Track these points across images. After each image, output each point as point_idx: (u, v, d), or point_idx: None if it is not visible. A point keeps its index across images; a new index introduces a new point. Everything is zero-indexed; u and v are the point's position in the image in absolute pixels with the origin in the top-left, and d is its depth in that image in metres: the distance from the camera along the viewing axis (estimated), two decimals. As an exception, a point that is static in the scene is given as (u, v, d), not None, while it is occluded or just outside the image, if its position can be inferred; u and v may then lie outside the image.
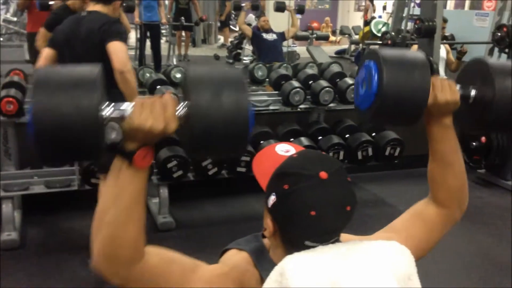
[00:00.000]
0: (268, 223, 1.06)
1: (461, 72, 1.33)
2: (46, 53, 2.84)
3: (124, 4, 5.26)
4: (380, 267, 0.99)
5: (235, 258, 1.13)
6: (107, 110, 0.96)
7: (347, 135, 4.03)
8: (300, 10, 6.35)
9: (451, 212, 1.26)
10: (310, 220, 0.98)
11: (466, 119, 1.28)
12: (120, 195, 0.97)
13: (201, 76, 1.02)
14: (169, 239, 3.35)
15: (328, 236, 1.02)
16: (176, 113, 0.97)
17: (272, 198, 1.03)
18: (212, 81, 1.01)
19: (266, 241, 1.16)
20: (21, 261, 3.00)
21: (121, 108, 0.97)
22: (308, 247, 1.00)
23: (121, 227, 0.97)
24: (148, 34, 7.20)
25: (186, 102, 0.99)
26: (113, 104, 0.97)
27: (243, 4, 6.28)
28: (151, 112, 0.95)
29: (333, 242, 1.03)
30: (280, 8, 5.92)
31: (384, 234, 1.25)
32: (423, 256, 1.25)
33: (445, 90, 1.15)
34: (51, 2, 4.75)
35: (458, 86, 1.20)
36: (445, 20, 5.98)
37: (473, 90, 1.23)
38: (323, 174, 0.99)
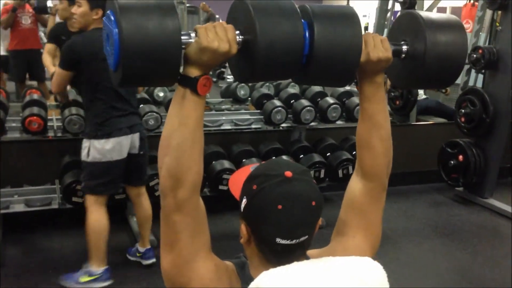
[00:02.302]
0: (242, 229, 1.11)
1: (393, 25, 1.31)
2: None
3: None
4: (351, 283, 1.02)
5: (227, 262, 1.17)
6: (184, 36, 1.02)
7: (328, 154, 4.08)
8: None
9: (378, 183, 1.27)
10: (278, 214, 1.03)
11: (398, 74, 1.27)
12: (185, 121, 1.04)
13: (261, 4, 1.08)
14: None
15: (297, 231, 1.05)
16: (236, 37, 1.05)
17: (244, 202, 1.09)
18: (270, 9, 1.07)
19: (248, 262, 1.20)
20: (5, 280, 2.97)
21: (188, 33, 1.03)
22: (280, 246, 1.05)
23: (188, 150, 1.04)
24: None
25: (243, 29, 1.06)
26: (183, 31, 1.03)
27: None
28: (216, 34, 1.02)
29: (303, 242, 1.07)
30: None
31: (338, 241, 1.28)
32: (378, 239, 1.29)
33: (377, 47, 1.14)
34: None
35: (390, 43, 1.17)
36: None
37: (404, 46, 1.22)
38: (288, 173, 1.06)
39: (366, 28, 14.42)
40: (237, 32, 1.06)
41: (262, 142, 4.14)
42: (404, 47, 1.22)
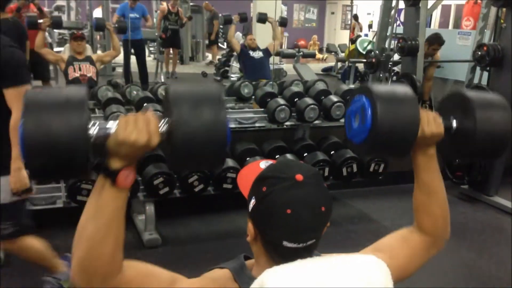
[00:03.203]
0: (249, 227, 1.10)
1: (441, 103, 1.40)
2: None
3: (116, 25, 5.31)
4: (355, 281, 1.02)
5: (216, 273, 1.17)
6: (94, 129, 0.99)
7: (332, 152, 4.07)
8: (282, 22, 6.37)
9: (434, 240, 1.32)
10: (287, 219, 1.02)
11: (448, 148, 1.35)
12: (101, 212, 1.00)
13: (181, 93, 1.06)
14: (155, 255, 3.34)
15: (305, 235, 1.05)
16: (159, 129, 1.01)
17: (252, 202, 1.08)
18: (191, 98, 1.06)
19: (248, 262, 1.20)
20: (5, 280, 2.98)
21: (107, 126, 1.01)
22: (286, 248, 1.04)
23: (99, 243, 1.00)
24: (132, 51, 7.25)
25: (167, 118, 1.03)
26: (98, 122, 1.01)
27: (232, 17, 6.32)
28: (135, 127, 0.99)
29: (310, 246, 1.07)
30: (262, 19, 5.95)
31: (369, 251, 1.29)
32: (405, 277, 1.29)
33: (430, 123, 1.22)
34: (40, 21, 4.78)
35: (441, 119, 1.26)
36: (440, 43, 6.05)
37: (454, 121, 1.31)
38: (299, 177, 1.05)
39: (370, 26, 14.39)
40: (164, 121, 1.04)
41: (266, 141, 4.13)
42: (454, 124, 1.31)
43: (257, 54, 6.00)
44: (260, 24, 6.19)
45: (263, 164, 1.26)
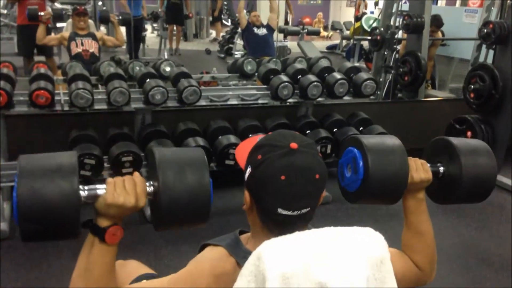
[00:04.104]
0: (245, 197, 1.13)
1: (428, 149, 1.49)
2: None
3: (120, 17, 5.25)
4: (352, 252, 1.03)
5: (207, 254, 1.19)
6: (84, 191, 1.06)
7: (334, 129, 4.07)
8: None
9: (423, 274, 1.37)
10: (281, 185, 1.05)
11: (436, 193, 1.45)
12: (91, 268, 1.06)
13: (167, 158, 1.13)
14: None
15: (299, 202, 1.07)
16: (145, 191, 1.08)
17: (248, 170, 1.11)
18: (177, 162, 1.12)
19: (242, 236, 1.22)
20: (10, 252, 3.02)
21: (96, 188, 1.07)
22: (281, 216, 1.07)
23: None
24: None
25: (153, 181, 1.09)
26: (87, 187, 1.07)
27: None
28: (123, 189, 1.05)
29: (305, 215, 1.09)
30: None
31: None
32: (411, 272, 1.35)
33: (419, 170, 1.31)
34: (41, 13, 4.74)
35: (428, 165, 1.35)
36: (438, 25, 6.00)
37: (441, 168, 1.41)
38: (294, 145, 1.07)
39: (376, 3, 14.19)
40: (150, 182, 1.10)
41: (269, 117, 4.12)
42: (441, 169, 1.41)
43: (261, 31, 5.96)
44: (265, 1, 6.13)
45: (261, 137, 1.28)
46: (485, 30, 4.30)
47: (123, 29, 5.98)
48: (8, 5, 7.96)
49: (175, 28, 9.04)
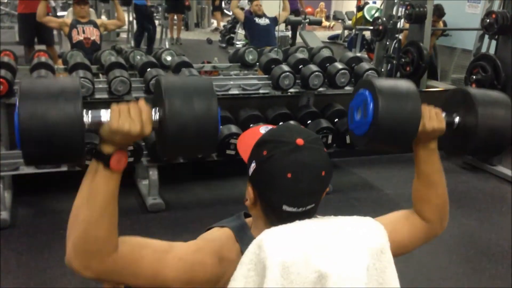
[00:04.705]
0: (249, 191, 1.11)
1: (446, 100, 1.43)
2: None
3: None
4: (353, 241, 1.03)
5: (216, 233, 1.18)
6: (88, 117, 1.02)
7: (336, 119, 4.06)
8: None
9: (433, 226, 1.34)
10: (287, 182, 1.03)
11: (450, 144, 1.38)
12: (94, 195, 1.02)
13: (174, 84, 1.08)
14: (158, 220, 3.39)
15: (304, 199, 1.06)
16: (151, 118, 1.04)
17: (252, 166, 1.08)
18: (184, 88, 1.08)
19: (248, 220, 1.21)
20: (12, 241, 3.04)
21: (100, 114, 1.03)
22: (286, 213, 1.05)
23: (93, 225, 1.01)
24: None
25: (159, 107, 1.06)
26: (91, 111, 1.03)
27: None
28: (128, 116, 1.01)
29: (309, 211, 1.08)
30: None
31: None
32: (402, 254, 1.31)
33: (432, 118, 1.24)
34: None
35: (443, 114, 1.29)
36: (440, 15, 5.95)
37: (457, 118, 1.33)
38: (300, 141, 1.05)
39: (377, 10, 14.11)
40: (156, 110, 1.06)
41: (270, 107, 4.12)
42: (457, 119, 1.33)
43: (263, 21, 5.92)
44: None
45: (263, 129, 1.26)
46: (488, 20, 4.28)
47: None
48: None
49: (175, 17, 9.00)
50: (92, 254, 1.01)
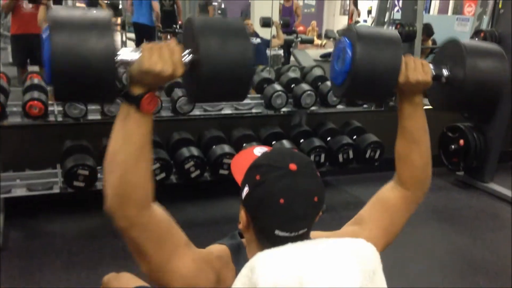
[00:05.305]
0: (242, 215, 1.12)
1: (437, 52, 1.35)
2: None
3: (109, 2, 5.26)
4: (346, 264, 1.04)
5: (219, 249, 1.20)
6: (120, 54, 0.99)
7: (328, 138, 4.08)
8: (285, 24, 6.52)
9: (413, 194, 1.31)
10: (279, 208, 1.04)
11: (437, 97, 1.31)
12: (129, 138, 1.02)
13: (208, 24, 1.05)
14: (152, 241, 3.37)
15: (297, 224, 1.06)
16: (183, 59, 1.02)
17: (245, 190, 1.09)
18: (218, 30, 1.05)
19: (244, 240, 1.21)
20: (3, 264, 3.00)
21: (131, 52, 1.00)
22: (278, 237, 1.06)
23: (132, 167, 1.02)
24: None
25: (191, 49, 1.03)
26: (122, 48, 1.00)
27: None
28: (160, 56, 0.99)
29: (302, 235, 1.08)
30: (266, 23, 6.00)
31: (351, 228, 1.30)
32: (393, 238, 1.30)
33: (417, 70, 1.18)
34: None
35: (431, 66, 1.22)
36: (429, 34, 6.03)
37: (445, 70, 1.25)
38: (293, 166, 1.06)
39: (369, 12, 14.30)
40: (187, 51, 1.03)
41: (263, 127, 4.14)
42: (445, 72, 1.25)
43: (255, 40, 5.98)
44: (259, 9, 6.19)
45: (257, 150, 1.27)
46: (477, 39, 4.33)
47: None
48: (2, 15, 7.95)
49: (169, 37, 9.04)
50: (129, 199, 1.02)
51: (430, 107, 4.67)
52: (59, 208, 3.64)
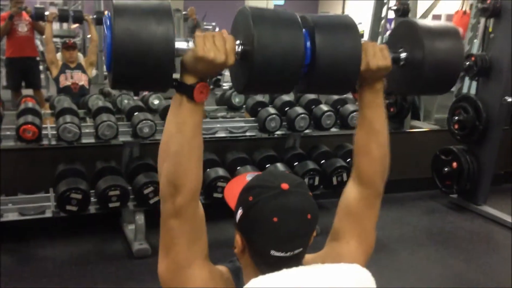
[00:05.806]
0: (237, 239, 1.11)
1: (391, 35, 1.33)
2: None
3: (95, 17, 5.31)
4: (340, 288, 1.03)
5: (223, 270, 1.19)
6: (178, 42, 1.01)
7: (322, 161, 4.10)
8: None
9: (373, 188, 1.29)
10: (273, 227, 1.03)
11: (397, 81, 1.29)
12: (182, 127, 1.04)
13: (261, 14, 1.06)
14: (144, 266, 3.33)
15: (292, 243, 1.06)
16: (235, 48, 1.03)
17: (239, 212, 1.09)
18: (271, 20, 1.06)
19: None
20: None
21: (185, 40, 1.02)
22: (274, 258, 1.05)
23: (185, 156, 1.04)
24: None
25: (244, 38, 1.04)
26: (176, 38, 1.01)
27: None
28: (214, 44, 1.00)
29: (298, 255, 1.08)
30: None
31: (332, 245, 1.30)
32: (372, 244, 1.30)
33: (377, 55, 1.16)
34: (46, 13, 4.86)
35: (388, 50, 1.18)
36: None
37: (403, 54, 1.23)
38: (285, 185, 1.06)
39: (361, 35, 14.51)
40: (238, 42, 1.05)
41: (257, 150, 4.15)
42: (403, 55, 1.24)
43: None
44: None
45: (249, 177, 1.27)
46: (467, 63, 4.39)
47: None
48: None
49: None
50: (182, 187, 1.05)
51: (421, 129, 4.68)
52: (51, 233, 3.61)
